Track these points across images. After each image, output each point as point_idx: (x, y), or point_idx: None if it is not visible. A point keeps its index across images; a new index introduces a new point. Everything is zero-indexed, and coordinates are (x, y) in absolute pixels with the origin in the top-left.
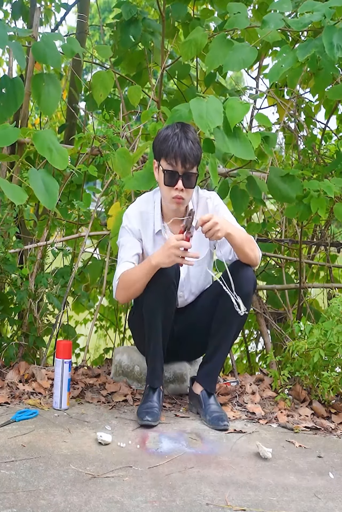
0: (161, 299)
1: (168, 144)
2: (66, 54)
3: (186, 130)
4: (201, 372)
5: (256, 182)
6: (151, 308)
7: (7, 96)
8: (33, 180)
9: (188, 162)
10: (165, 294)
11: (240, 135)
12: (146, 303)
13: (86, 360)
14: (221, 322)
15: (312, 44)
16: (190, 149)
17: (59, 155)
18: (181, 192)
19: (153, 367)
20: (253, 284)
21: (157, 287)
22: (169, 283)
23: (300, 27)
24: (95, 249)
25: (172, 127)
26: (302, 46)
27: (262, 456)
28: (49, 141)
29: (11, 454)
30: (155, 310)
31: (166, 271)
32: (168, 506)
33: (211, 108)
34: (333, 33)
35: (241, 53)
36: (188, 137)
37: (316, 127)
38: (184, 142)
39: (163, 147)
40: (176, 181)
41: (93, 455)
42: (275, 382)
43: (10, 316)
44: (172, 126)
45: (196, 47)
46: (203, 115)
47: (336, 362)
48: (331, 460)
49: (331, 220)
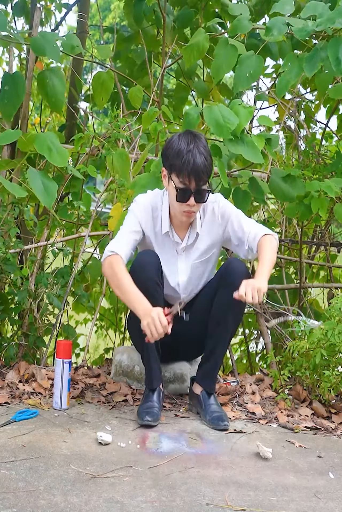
0: (147, 297)
1: (181, 162)
2: (66, 50)
3: (199, 144)
4: (199, 372)
5: (258, 183)
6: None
7: (10, 92)
8: (32, 180)
9: (202, 180)
10: (150, 293)
11: (247, 140)
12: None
13: (86, 360)
14: (217, 321)
15: (318, 57)
16: (203, 166)
17: (59, 154)
18: (192, 207)
19: (150, 368)
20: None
21: (141, 288)
22: (152, 282)
23: (303, 36)
24: (95, 249)
25: (185, 140)
26: (308, 59)
27: (262, 456)
28: (49, 142)
29: (11, 454)
30: None
31: (148, 271)
32: (168, 506)
33: (224, 111)
34: (339, 46)
35: (247, 66)
36: (200, 152)
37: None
38: (198, 158)
39: (176, 163)
40: (188, 198)
41: (93, 455)
42: (275, 382)
43: (10, 316)
44: (185, 138)
45: (198, 51)
46: (220, 121)
47: (337, 362)
48: (331, 460)
49: (331, 220)
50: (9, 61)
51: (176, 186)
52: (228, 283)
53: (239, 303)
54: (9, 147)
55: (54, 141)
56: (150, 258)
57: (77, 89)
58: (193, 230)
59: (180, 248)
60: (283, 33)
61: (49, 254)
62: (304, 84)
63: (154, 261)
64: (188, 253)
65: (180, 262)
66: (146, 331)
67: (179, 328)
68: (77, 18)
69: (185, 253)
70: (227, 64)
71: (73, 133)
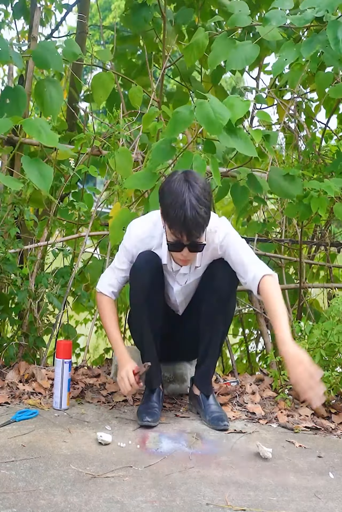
0: (146, 301)
1: (173, 215)
2: (67, 58)
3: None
4: (195, 375)
5: (256, 178)
6: (137, 311)
7: (11, 106)
8: (27, 166)
9: (193, 235)
10: (150, 295)
11: (242, 135)
12: (132, 305)
13: (86, 360)
14: (207, 323)
15: (316, 40)
16: (196, 223)
17: (48, 136)
18: (187, 255)
19: (149, 369)
20: (234, 283)
21: (141, 290)
22: (153, 283)
23: (302, 23)
24: (95, 249)
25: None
26: (306, 43)
27: (262, 456)
28: (39, 125)
29: (11, 454)
30: (142, 312)
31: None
32: (168, 506)
33: (216, 105)
34: (338, 27)
35: (243, 51)
36: (192, 205)
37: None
38: (190, 211)
39: (169, 214)
40: (181, 249)
41: (93, 455)
42: (275, 382)
43: (10, 316)
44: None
45: (198, 50)
46: (212, 117)
47: (337, 362)
48: (331, 460)
49: (331, 220)
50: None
51: (167, 239)
52: (214, 288)
53: (226, 306)
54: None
55: (44, 125)
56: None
57: (77, 89)
58: (192, 265)
59: (178, 274)
60: (281, 24)
61: (49, 254)
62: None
63: (154, 261)
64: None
65: (177, 285)
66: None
67: (178, 328)
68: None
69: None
70: (223, 53)
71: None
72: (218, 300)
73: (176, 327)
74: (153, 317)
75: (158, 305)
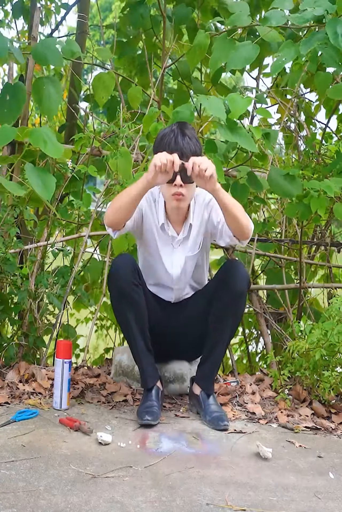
0: (126, 303)
1: (164, 142)
2: (66, 55)
3: (183, 127)
4: (198, 373)
5: (256, 177)
6: (120, 314)
7: (10, 102)
8: (30, 175)
9: (185, 156)
10: (129, 296)
11: (242, 132)
12: (115, 310)
13: (86, 360)
14: (216, 323)
15: (315, 38)
16: (187, 144)
17: (54, 146)
18: (180, 188)
19: (142, 368)
20: (247, 282)
21: (119, 293)
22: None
23: (302, 22)
24: (95, 249)
25: (170, 126)
26: (304, 41)
27: (262, 456)
28: (44, 135)
29: (11, 454)
30: (125, 314)
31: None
32: (168, 506)
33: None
34: (337, 24)
35: (243, 51)
36: (184, 133)
37: (316, 127)
38: (180, 137)
39: (160, 145)
40: (174, 178)
41: (93, 455)
42: (275, 382)
43: (10, 316)
44: (170, 125)
45: (200, 51)
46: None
47: (337, 362)
48: (331, 460)
49: (331, 220)
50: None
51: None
52: (227, 286)
53: (238, 305)
54: (9, 147)
55: (49, 134)
56: (124, 261)
57: (77, 89)
58: (186, 223)
59: (175, 241)
60: (281, 24)
61: (49, 254)
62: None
63: (129, 263)
64: (183, 246)
65: (175, 255)
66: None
67: (178, 328)
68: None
69: (181, 247)
70: (224, 55)
71: (73, 133)
72: (231, 299)
73: (172, 325)
74: (137, 317)
75: (141, 305)
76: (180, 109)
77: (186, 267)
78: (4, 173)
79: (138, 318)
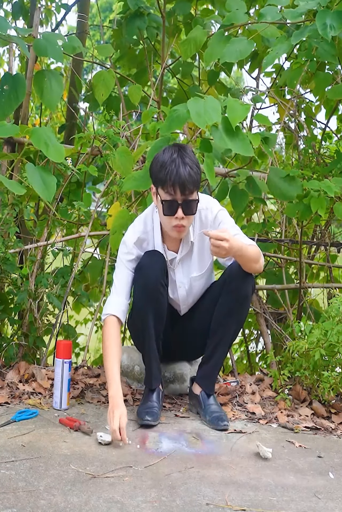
0: (150, 301)
1: (165, 173)
2: (67, 51)
3: (183, 155)
4: (199, 373)
5: (255, 181)
6: (141, 311)
7: (9, 93)
8: (30, 175)
9: (187, 189)
10: (154, 295)
11: (239, 134)
12: (136, 305)
13: (86, 360)
14: (219, 324)
15: (306, 30)
16: (188, 175)
17: (55, 149)
18: (181, 220)
19: (150, 369)
20: (252, 286)
21: (145, 289)
22: (156, 283)
23: (295, 17)
24: (95, 249)
25: (169, 152)
26: (296, 33)
27: (262, 456)
28: (46, 137)
29: (11, 454)
30: (145, 312)
31: (153, 272)
32: (168, 506)
33: (209, 106)
34: (327, 15)
35: (238, 45)
36: (185, 162)
37: (316, 127)
38: (182, 168)
39: (161, 176)
40: (175, 210)
41: (93, 455)
42: (275, 382)
43: (10, 316)
44: (169, 150)
45: (195, 45)
46: (201, 113)
47: (336, 362)
48: (331, 460)
49: (331, 220)
50: (10, 61)
51: (161, 199)
52: (231, 289)
53: (242, 308)
54: (9, 147)
55: (50, 136)
56: (155, 258)
57: (77, 89)
58: (186, 240)
59: (175, 261)
60: (276, 19)
61: (49, 254)
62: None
63: (160, 260)
64: (185, 265)
65: (178, 275)
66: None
67: (180, 329)
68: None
69: (182, 265)
70: (219, 49)
71: (73, 133)
72: (236, 300)
73: (176, 327)
74: (157, 318)
75: (163, 306)
76: (177, 108)
77: (192, 289)
78: (4, 172)
79: (157, 318)
